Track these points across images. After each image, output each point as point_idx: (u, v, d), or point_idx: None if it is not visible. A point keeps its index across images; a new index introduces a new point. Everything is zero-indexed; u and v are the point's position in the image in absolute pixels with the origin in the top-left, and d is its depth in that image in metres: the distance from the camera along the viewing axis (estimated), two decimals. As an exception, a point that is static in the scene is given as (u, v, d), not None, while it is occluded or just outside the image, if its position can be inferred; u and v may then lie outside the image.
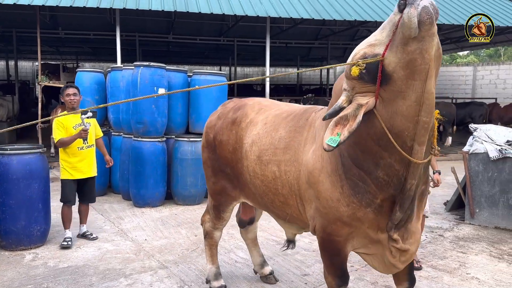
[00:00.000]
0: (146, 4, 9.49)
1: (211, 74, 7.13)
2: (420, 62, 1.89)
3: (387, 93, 2.02)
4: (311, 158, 2.51)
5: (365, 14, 10.50)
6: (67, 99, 4.78)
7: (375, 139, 2.15)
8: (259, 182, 2.92)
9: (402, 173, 2.20)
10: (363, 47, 2.06)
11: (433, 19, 1.82)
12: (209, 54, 20.60)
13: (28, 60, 21.94)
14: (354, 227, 2.39)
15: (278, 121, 2.92)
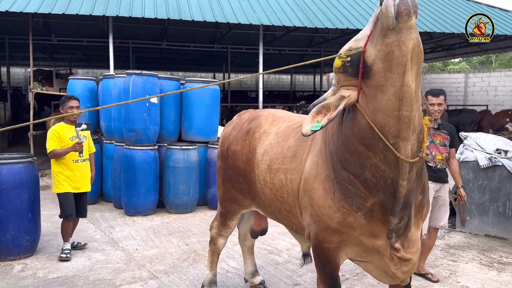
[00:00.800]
0: (139, 12, 9.50)
1: (204, 81, 7.15)
2: (398, 54, 1.91)
3: (369, 87, 2.06)
4: (308, 165, 2.57)
5: (356, 22, 10.58)
6: (69, 111, 4.57)
7: (359, 138, 2.18)
8: (268, 191, 2.97)
9: (388, 174, 2.20)
10: (348, 43, 2.14)
11: (410, 10, 1.83)
12: (203, 61, 20.63)
13: (20, 66, 21.85)
14: (345, 234, 2.40)
15: (289, 131, 2.98)
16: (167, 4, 10.13)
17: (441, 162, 4.00)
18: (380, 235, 2.35)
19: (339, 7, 11.38)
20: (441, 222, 4.15)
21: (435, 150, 3.98)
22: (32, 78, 12.00)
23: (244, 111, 3.67)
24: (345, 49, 2.12)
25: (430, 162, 3.93)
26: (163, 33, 14.93)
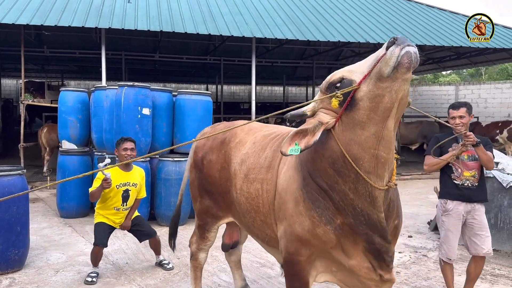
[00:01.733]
0: (132, 24, 9.52)
1: (196, 93, 7.14)
2: (387, 100, 1.98)
3: (348, 118, 2.10)
4: (282, 179, 2.59)
5: (348, 35, 10.69)
6: (123, 153, 4.36)
7: (330, 162, 2.22)
8: (243, 200, 2.96)
9: (357, 204, 2.22)
10: (342, 71, 2.17)
11: (411, 65, 1.89)
12: (196, 73, 20.66)
13: (12, 78, 21.72)
14: (315, 246, 2.39)
15: (266, 141, 3.00)
16: (160, 16, 10.16)
17: (471, 179, 3.64)
18: (352, 255, 2.35)
19: (330, 20, 11.50)
20: (484, 248, 3.64)
21: (464, 166, 3.64)
22: (24, 90, 11.89)
23: (219, 123, 3.71)
24: (337, 77, 2.16)
25: (457, 180, 3.67)
26: (156, 45, 14.95)
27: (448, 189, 3.72)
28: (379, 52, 1.99)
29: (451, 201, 3.68)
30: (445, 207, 3.73)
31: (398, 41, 1.91)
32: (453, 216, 3.67)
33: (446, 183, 3.76)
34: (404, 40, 1.91)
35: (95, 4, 10.23)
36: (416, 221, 6.78)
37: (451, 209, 3.67)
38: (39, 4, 9.77)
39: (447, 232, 3.71)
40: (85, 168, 6.83)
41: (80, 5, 10.03)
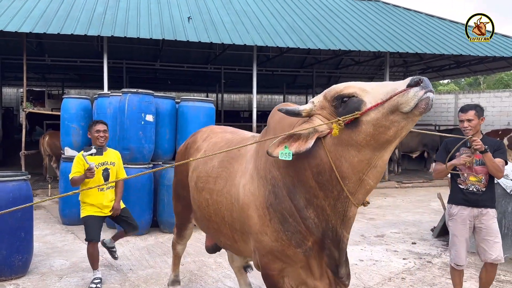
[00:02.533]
0: (134, 32, 9.58)
1: (199, 100, 7.16)
2: (392, 133, 1.98)
3: (346, 136, 2.04)
4: (242, 193, 2.52)
5: (348, 44, 10.76)
6: (95, 135, 4.38)
7: (315, 172, 2.15)
8: (196, 207, 3.11)
9: (331, 220, 2.22)
10: (356, 87, 2.08)
11: (426, 110, 1.91)
12: (196, 81, 20.73)
13: (12, 86, 21.75)
14: (286, 263, 2.39)
15: (215, 149, 3.05)
16: (162, 25, 10.24)
17: (477, 184, 3.56)
18: (318, 275, 2.37)
19: (331, 29, 11.59)
20: (493, 254, 3.51)
21: (469, 170, 3.57)
22: (25, 98, 11.91)
23: (205, 127, 3.85)
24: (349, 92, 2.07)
25: (462, 184, 3.61)
26: (157, 54, 15.03)
27: (453, 194, 3.72)
28: (398, 85, 1.96)
29: (456, 206, 3.66)
30: (450, 211, 3.73)
31: (423, 83, 1.90)
32: (458, 221, 3.64)
33: (452, 187, 3.76)
34: (428, 84, 1.91)
35: (97, 12, 10.30)
36: (419, 228, 6.78)
37: (456, 214, 3.66)
38: (41, 12, 9.84)
39: (453, 237, 3.70)
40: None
41: (82, 14, 10.11)
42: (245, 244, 2.68)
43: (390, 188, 10.98)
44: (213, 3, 12.33)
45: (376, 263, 5.07)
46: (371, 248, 5.73)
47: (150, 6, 11.28)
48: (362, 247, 5.74)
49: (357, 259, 5.23)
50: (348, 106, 2.03)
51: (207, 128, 3.66)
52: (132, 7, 11.00)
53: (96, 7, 10.66)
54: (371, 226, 6.95)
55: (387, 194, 10.10)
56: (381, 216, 7.71)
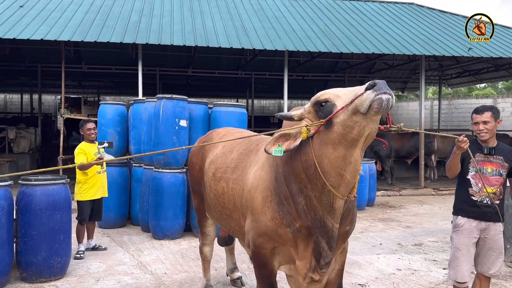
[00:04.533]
0: (168, 39, 9.74)
1: (231, 105, 7.17)
2: (356, 132, 2.25)
3: (325, 135, 2.36)
4: (251, 177, 2.87)
5: (382, 47, 10.56)
6: (87, 132, 5.53)
7: (304, 166, 2.48)
8: (212, 196, 3.40)
9: (318, 211, 2.50)
10: (330, 93, 2.41)
11: (380, 110, 2.15)
12: (226, 87, 20.89)
13: (50, 93, 22.58)
14: (278, 242, 2.70)
15: (234, 144, 3.40)
16: (194, 32, 10.36)
17: (491, 197, 3.24)
18: (301, 256, 2.66)
19: (364, 33, 11.42)
20: (492, 269, 3.31)
21: (485, 181, 3.25)
22: (63, 105, 12.32)
23: (213, 130, 4.20)
24: (324, 98, 2.39)
25: (475, 196, 3.29)
26: (189, 61, 15.24)
27: (462, 205, 3.35)
28: (359, 90, 2.22)
29: (462, 217, 3.32)
30: (455, 222, 3.37)
31: (376, 86, 2.14)
32: (464, 234, 3.30)
33: (461, 197, 3.38)
34: (381, 87, 2.14)
35: (132, 21, 10.55)
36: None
37: (462, 225, 3.31)
38: (79, 21, 10.16)
39: (456, 251, 3.33)
40: (124, 178, 6.95)
41: (118, 22, 10.37)
42: None
43: (426, 196, 10.66)
44: (245, 10, 12.39)
45: (415, 273, 4.90)
46: (409, 257, 5.55)
47: (183, 14, 11.46)
48: (399, 256, 5.56)
49: (394, 268, 5.07)
50: (324, 110, 2.36)
51: (223, 129, 4.02)
52: (165, 15, 11.21)
53: (131, 15, 10.91)
54: (408, 235, 6.74)
55: (423, 202, 9.81)
56: (418, 224, 7.47)
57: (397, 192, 10.80)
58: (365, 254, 5.61)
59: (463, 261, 3.30)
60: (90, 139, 5.56)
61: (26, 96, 20.77)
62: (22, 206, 4.43)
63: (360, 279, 4.67)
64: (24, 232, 4.41)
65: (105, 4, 11.54)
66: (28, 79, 17.25)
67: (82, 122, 5.67)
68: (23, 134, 13.13)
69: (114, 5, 11.57)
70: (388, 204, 9.48)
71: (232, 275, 4.41)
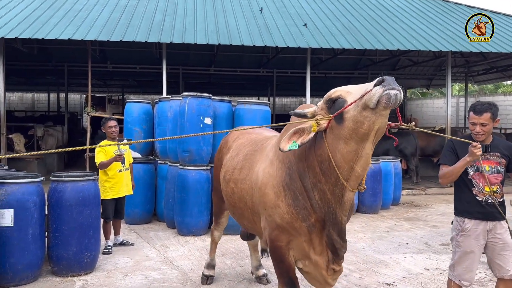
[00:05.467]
0: (192, 38, 9.82)
1: (255, 103, 7.17)
2: (366, 127, 2.34)
3: (337, 130, 2.46)
4: (261, 175, 2.98)
5: (407, 43, 10.39)
6: (109, 130, 5.54)
7: (319, 160, 2.60)
8: (225, 197, 3.67)
9: (332, 204, 2.64)
10: (342, 90, 2.51)
11: (388, 105, 2.23)
12: (248, 86, 20.93)
13: (76, 92, 23.05)
14: (292, 235, 2.81)
15: (240, 147, 3.62)
16: (217, 30, 10.42)
17: (493, 195, 3.15)
18: (319, 251, 2.80)
19: (389, 29, 11.26)
20: (510, 270, 3.14)
21: (483, 180, 3.16)
22: (90, 103, 12.58)
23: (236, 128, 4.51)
24: (336, 95, 2.48)
25: (479, 196, 3.17)
26: (212, 59, 15.33)
27: (467, 206, 3.21)
28: (368, 86, 2.30)
29: (469, 220, 3.19)
30: (462, 226, 3.21)
31: (385, 82, 2.23)
32: (471, 237, 3.18)
33: (464, 198, 3.24)
34: (389, 83, 2.22)
35: (157, 20, 10.67)
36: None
37: (469, 229, 3.18)
38: (104, 21, 10.35)
39: (463, 254, 3.21)
40: (149, 176, 7.05)
41: (142, 22, 10.51)
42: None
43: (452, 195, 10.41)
44: (267, 8, 12.37)
45: (443, 273, 4.81)
46: (436, 256, 5.45)
47: (206, 13, 11.53)
48: (426, 256, 5.47)
49: (422, 267, 4.99)
50: (336, 107, 2.47)
51: (238, 132, 4.21)
52: (189, 14, 11.30)
53: (155, 15, 11.04)
54: (435, 234, 6.62)
55: (449, 201, 9.60)
56: (445, 223, 7.32)
57: (423, 191, 10.62)
58: (392, 254, 5.53)
59: (471, 263, 3.20)
60: (111, 137, 5.59)
61: (53, 95, 21.30)
62: (53, 201, 4.55)
63: (387, 278, 4.62)
64: (55, 227, 4.53)
65: (130, 4, 11.70)
66: (55, 78, 17.67)
67: (104, 120, 5.67)
68: (51, 132, 13.46)
69: (139, 4, 11.73)
70: (413, 203, 9.33)
71: (257, 272, 4.45)
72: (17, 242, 4.23)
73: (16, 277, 4.25)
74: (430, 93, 24.07)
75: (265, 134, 3.79)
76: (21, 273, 4.29)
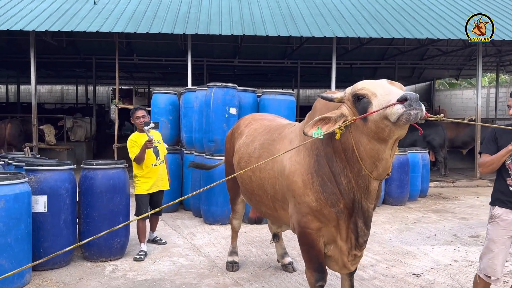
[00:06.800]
0: (217, 29, 9.84)
1: (280, 93, 7.16)
2: (386, 134, 2.45)
3: (361, 125, 2.53)
4: (287, 164, 3.01)
5: (436, 31, 10.12)
6: (137, 121, 5.06)
7: (344, 148, 2.67)
8: (240, 183, 3.76)
9: (356, 193, 2.71)
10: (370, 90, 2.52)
11: (407, 123, 2.33)
12: (271, 77, 20.87)
13: (103, 85, 23.52)
14: (322, 222, 2.86)
15: (255, 134, 3.65)
16: (242, 21, 10.40)
17: None
18: (344, 237, 2.87)
19: (417, 17, 10.98)
20: None
21: None
22: (117, 95, 12.81)
23: (248, 115, 4.41)
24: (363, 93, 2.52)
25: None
26: (236, 51, 15.34)
27: (499, 195, 3.13)
28: (393, 97, 2.37)
29: (500, 208, 3.09)
30: (492, 213, 3.14)
31: (407, 102, 2.28)
32: (500, 225, 3.07)
33: (498, 188, 3.16)
34: (411, 103, 2.27)
35: (182, 12, 10.73)
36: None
37: (498, 216, 3.09)
38: (131, 13, 10.47)
39: (490, 243, 3.11)
40: (176, 165, 7.15)
41: (168, 13, 10.59)
42: (284, 211, 3.22)
43: (482, 187, 10.17)
44: (292, -3, 12.27)
45: (473, 264, 4.71)
46: (465, 248, 5.34)
47: (230, 3, 11.51)
48: (455, 247, 5.37)
49: (451, 259, 4.91)
50: (361, 105, 2.53)
51: (250, 116, 4.30)
52: (214, 5, 11.31)
53: (181, 6, 11.11)
54: (464, 226, 6.49)
55: (479, 193, 9.37)
56: (474, 216, 7.16)
57: (451, 183, 10.38)
58: (419, 245, 5.45)
59: (498, 254, 3.07)
60: (141, 128, 5.05)
61: (81, 87, 21.78)
62: (84, 189, 4.68)
63: (415, 269, 4.56)
64: (86, 213, 4.66)
65: (155, -4, 11.81)
66: (83, 71, 18.05)
67: (132, 110, 5.24)
68: (79, 123, 13.80)
69: (164, -4, 11.82)
70: (441, 195, 9.14)
71: (283, 261, 4.48)
72: (50, 227, 4.39)
73: (49, 261, 4.39)
74: (459, 83, 23.43)
75: (278, 121, 3.89)
76: (54, 258, 4.42)
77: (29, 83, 10.53)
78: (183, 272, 4.37)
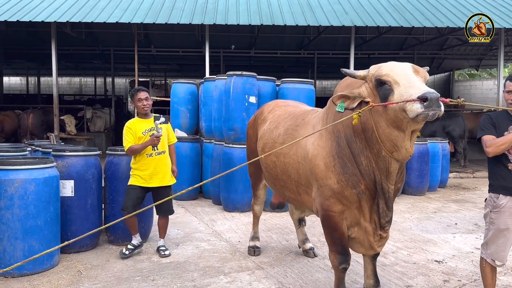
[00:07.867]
0: (234, 19, 9.86)
1: (299, 82, 7.15)
2: (404, 124, 2.51)
3: (383, 112, 2.58)
4: (310, 148, 3.08)
5: (458, 20, 9.96)
6: (139, 104, 4.32)
7: (364, 128, 2.74)
8: (264, 169, 3.84)
9: (377, 174, 2.78)
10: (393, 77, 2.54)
11: (425, 120, 2.42)
12: (288, 68, 20.80)
13: (121, 77, 23.77)
14: (344, 204, 2.92)
15: (279, 120, 3.70)
16: (260, 11, 10.40)
17: None
18: (368, 218, 2.93)
19: (437, 5, 10.82)
20: None
21: None
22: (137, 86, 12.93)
23: (270, 102, 4.47)
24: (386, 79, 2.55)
25: None
26: (252, 41, 15.34)
27: (502, 182, 3.08)
28: (415, 92, 2.39)
29: (504, 196, 3.05)
30: (496, 202, 3.09)
31: (427, 103, 2.32)
32: (506, 214, 3.05)
33: (499, 174, 3.11)
34: (431, 104, 2.31)
35: (200, 2, 10.78)
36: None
37: (504, 205, 3.05)
38: (150, 4, 10.56)
39: (497, 231, 3.08)
40: (195, 154, 7.23)
41: (186, 4, 10.65)
42: (308, 196, 3.28)
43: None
44: (310, -14, 12.18)
45: (495, 252, 4.68)
46: (487, 237, 5.30)
47: (248, -7, 11.50)
48: (477, 236, 5.34)
49: (472, 247, 4.89)
50: (382, 90, 2.58)
51: (273, 102, 4.35)
52: (231, -5, 11.32)
53: (199, -4, 11.15)
54: (485, 215, 6.43)
55: (500, 184, 9.26)
56: (495, 205, 7.08)
57: (471, 174, 10.28)
58: (440, 233, 5.44)
59: (506, 242, 3.07)
60: (143, 113, 4.38)
61: (99, 79, 22.05)
62: (110, 174, 4.79)
63: (436, 256, 4.56)
64: (111, 198, 4.78)
65: (173, -13, 11.86)
66: (101, 62, 18.27)
67: (133, 91, 4.45)
68: (99, 114, 14.03)
69: (182, -13, 11.86)
70: (461, 186, 9.06)
71: (304, 246, 4.54)
72: (77, 211, 4.51)
73: (76, 244, 4.52)
74: (478, 74, 23.01)
75: (301, 107, 3.93)
76: (81, 240, 4.54)
77: (49, 75, 10.78)
78: (206, 255, 4.46)
